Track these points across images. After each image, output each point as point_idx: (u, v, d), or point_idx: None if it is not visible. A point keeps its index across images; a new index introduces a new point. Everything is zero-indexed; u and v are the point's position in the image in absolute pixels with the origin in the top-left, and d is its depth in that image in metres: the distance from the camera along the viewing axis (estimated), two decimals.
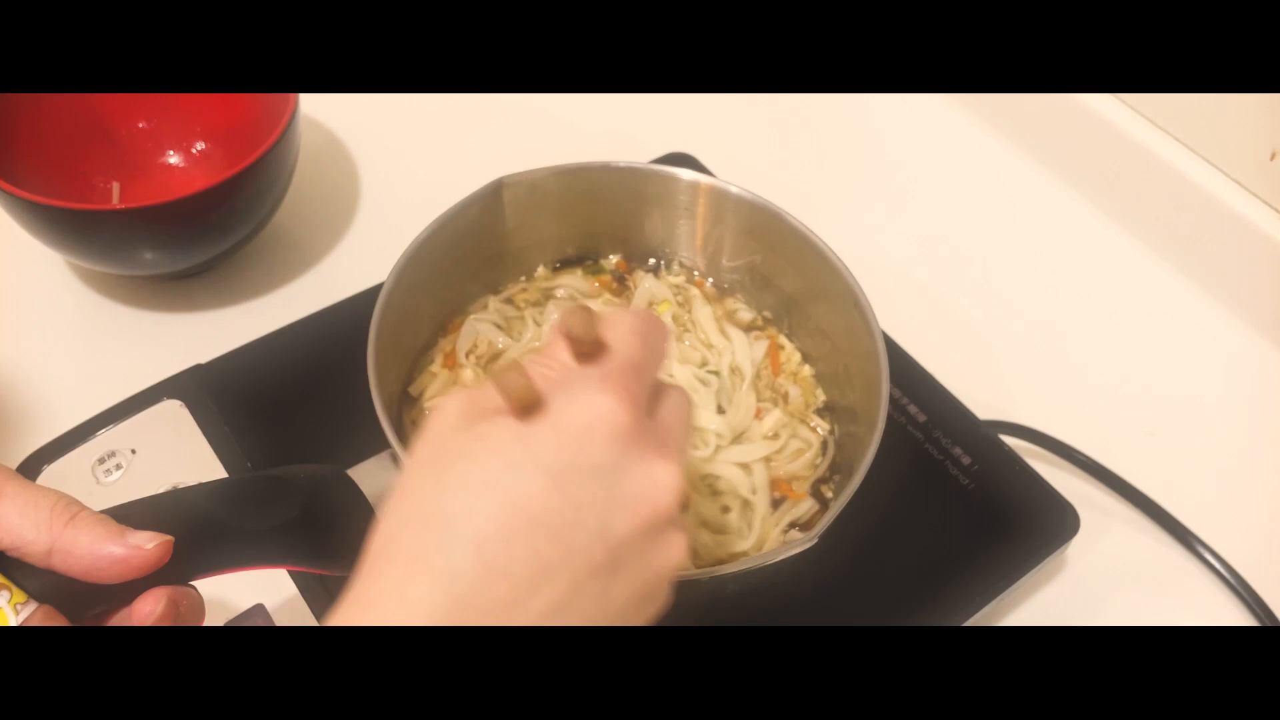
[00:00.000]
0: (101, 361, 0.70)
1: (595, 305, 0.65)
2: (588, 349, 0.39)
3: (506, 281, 0.66)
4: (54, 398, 0.67)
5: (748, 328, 0.66)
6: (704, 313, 0.65)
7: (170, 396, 0.62)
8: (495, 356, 0.63)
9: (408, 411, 0.61)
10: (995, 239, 0.81)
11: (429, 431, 0.37)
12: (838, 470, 0.60)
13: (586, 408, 0.36)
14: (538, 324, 0.64)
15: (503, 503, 0.34)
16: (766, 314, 0.66)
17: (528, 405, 0.37)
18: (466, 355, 0.63)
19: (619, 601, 0.36)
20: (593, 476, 0.35)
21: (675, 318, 0.64)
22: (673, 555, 0.37)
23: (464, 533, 0.34)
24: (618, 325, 0.40)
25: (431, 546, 0.34)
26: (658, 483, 0.36)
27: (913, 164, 0.86)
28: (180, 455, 0.60)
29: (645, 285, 0.66)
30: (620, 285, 0.67)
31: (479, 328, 0.63)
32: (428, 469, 0.36)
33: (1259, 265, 0.74)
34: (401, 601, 0.33)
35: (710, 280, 0.67)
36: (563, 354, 0.40)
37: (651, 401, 0.39)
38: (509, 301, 0.66)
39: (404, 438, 0.54)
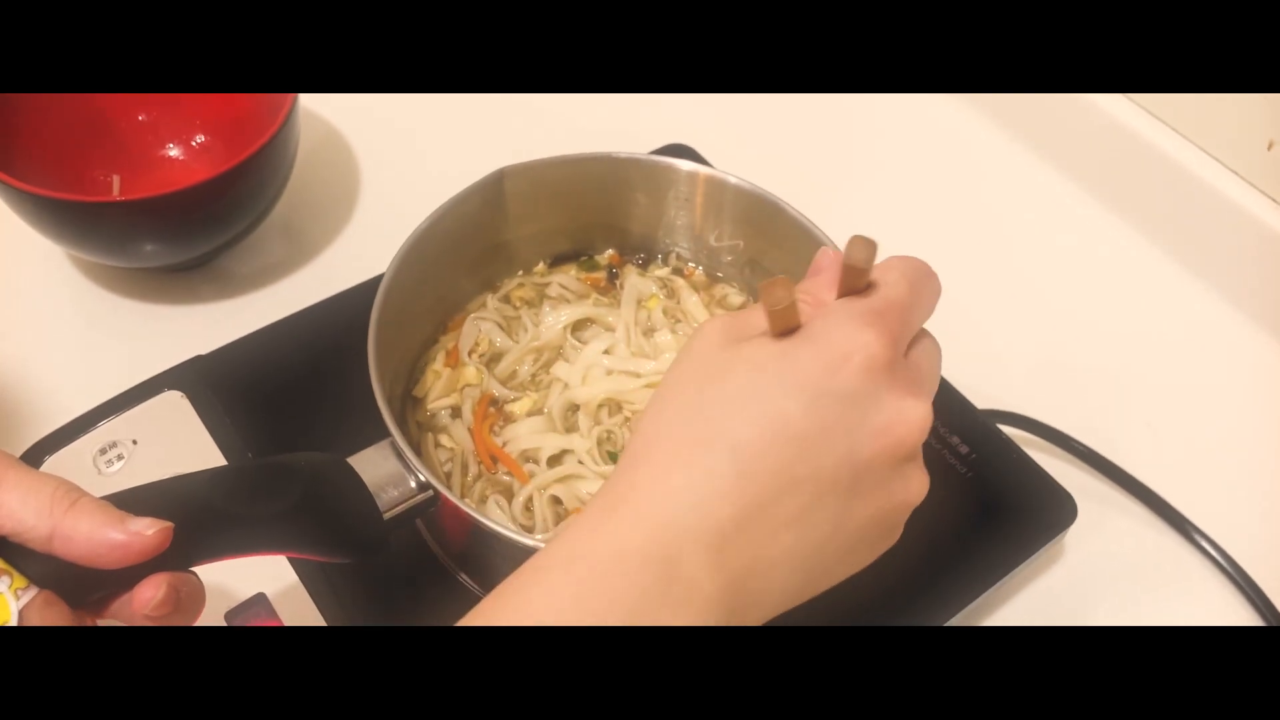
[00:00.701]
0: (102, 353, 0.70)
1: (589, 304, 0.65)
2: (858, 282, 0.41)
3: (504, 276, 0.67)
4: (55, 389, 0.68)
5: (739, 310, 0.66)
6: (692, 301, 0.65)
7: (171, 387, 0.62)
8: (497, 356, 0.63)
9: (412, 414, 0.61)
10: (992, 229, 0.81)
11: (691, 350, 0.40)
12: None
13: (847, 337, 0.38)
14: (534, 324, 0.64)
15: (761, 416, 0.37)
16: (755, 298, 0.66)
17: (787, 324, 0.39)
18: (470, 353, 0.63)
19: (856, 524, 0.39)
20: (845, 402, 0.38)
21: (666, 311, 0.64)
22: (913, 489, 0.40)
23: (724, 438, 0.37)
24: (891, 267, 0.42)
25: (695, 445, 0.37)
26: (905, 416, 0.38)
27: (909, 156, 0.86)
28: (181, 446, 0.60)
29: (631, 282, 0.66)
30: (610, 283, 0.67)
31: (481, 326, 0.64)
32: (692, 380, 0.39)
33: (1256, 255, 0.74)
34: (664, 488, 0.37)
35: (700, 269, 0.68)
36: (822, 291, 0.42)
37: (910, 346, 0.41)
38: (506, 300, 0.66)
39: (405, 431, 0.54)
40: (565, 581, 0.36)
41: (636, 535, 0.36)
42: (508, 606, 0.36)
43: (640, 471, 0.38)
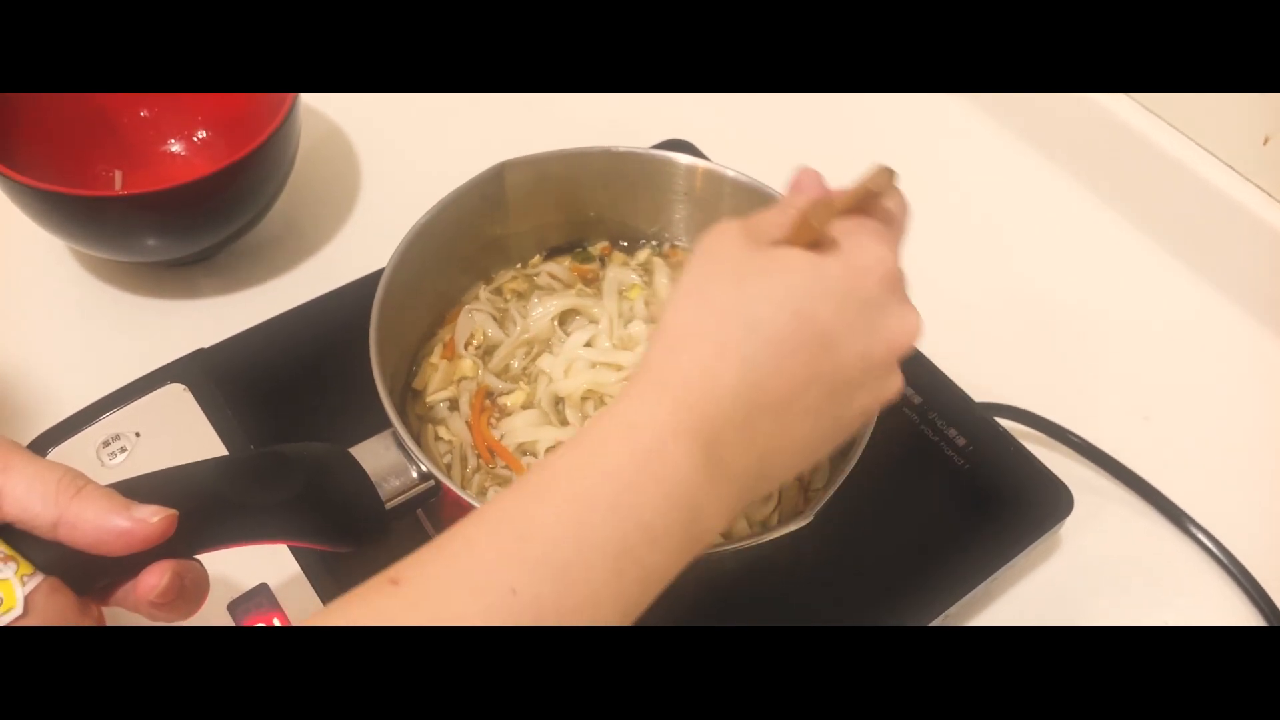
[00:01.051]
0: (105, 347, 0.71)
1: (573, 295, 0.66)
2: (870, 203, 0.45)
3: (501, 269, 0.67)
4: (59, 383, 0.68)
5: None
6: (662, 281, 0.66)
7: (174, 380, 0.63)
8: (491, 348, 0.63)
9: (412, 406, 0.62)
10: (991, 225, 0.81)
11: (712, 250, 0.44)
12: None
13: (870, 252, 0.43)
14: (523, 316, 0.64)
15: (797, 316, 0.41)
16: None
17: (811, 238, 0.43)
18: (466, 345, 0.63)
19: (850, 414, 0.43)
20: (864, 308, 0.42)
21: (647, 301, 0.65)
22: (894, 387, 0.45)
23: (764, 334, 0.41)
24: (893, 197, 0.47)
25: (736, 339, 0.41)
26: (907, 324, 0.44)
27: (909, 155, 0.86)
28: (184, 438, 0.61)
29: (612, 273, 0.66)
30: (601, 273, 0.67)
31: (475, 317, 0.64)
32: (725, 276, 0.42)
33: (1253, 249, 0.74)
34: (712, 377, 0.40)
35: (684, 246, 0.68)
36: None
37: None
38: (498, 292, 0.66)
39: (406, 422, 0.54)
40: (630, 453, 0.39)
41: (689, 416, 0.39)
42: (575, 468, 0.39)
43: (685, 358, 0.41)
